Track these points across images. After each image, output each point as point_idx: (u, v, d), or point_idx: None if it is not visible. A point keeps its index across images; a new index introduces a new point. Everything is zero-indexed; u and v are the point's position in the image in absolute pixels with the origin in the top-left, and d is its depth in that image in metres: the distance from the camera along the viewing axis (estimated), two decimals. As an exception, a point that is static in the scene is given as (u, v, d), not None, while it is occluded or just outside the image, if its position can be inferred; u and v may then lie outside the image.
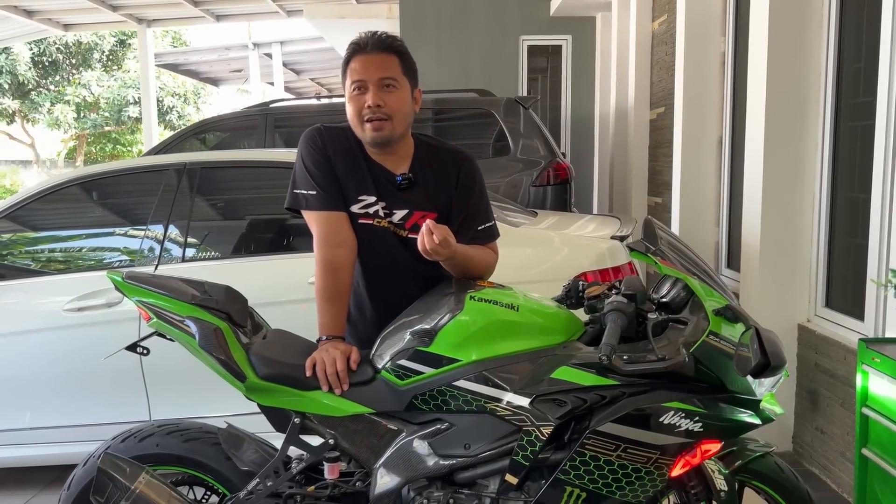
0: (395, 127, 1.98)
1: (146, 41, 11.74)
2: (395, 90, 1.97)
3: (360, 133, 2.00)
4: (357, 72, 1.96)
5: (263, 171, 3.46)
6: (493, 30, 8.28)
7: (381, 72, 1.95)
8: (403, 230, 2.05)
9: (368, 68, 1.95)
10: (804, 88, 3.44)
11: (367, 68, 1.95)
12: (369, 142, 2.00)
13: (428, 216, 2.01)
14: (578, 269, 2.99)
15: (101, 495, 1.84)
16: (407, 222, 2.04)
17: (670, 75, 5.50)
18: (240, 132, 5.96)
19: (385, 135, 1.97)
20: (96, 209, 3.56)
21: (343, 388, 1.86)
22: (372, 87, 1.94)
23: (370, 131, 1.96)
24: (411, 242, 1.99)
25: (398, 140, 2.02)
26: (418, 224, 2.00)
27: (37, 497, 3.30)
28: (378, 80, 1.94)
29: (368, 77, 1.94)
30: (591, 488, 1.74)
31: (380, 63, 1.95)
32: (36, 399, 3.16)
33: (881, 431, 2.20)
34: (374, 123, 1.96)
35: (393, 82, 1.96)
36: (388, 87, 1.96)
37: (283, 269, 3.17)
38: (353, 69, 1.97)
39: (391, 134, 1.98)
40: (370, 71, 1.94)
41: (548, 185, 5.34)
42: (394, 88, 1.96)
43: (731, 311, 1.79)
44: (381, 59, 1.96)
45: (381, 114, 1.95)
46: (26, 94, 19.39)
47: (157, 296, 1.94)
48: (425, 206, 2.05)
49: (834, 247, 3.40)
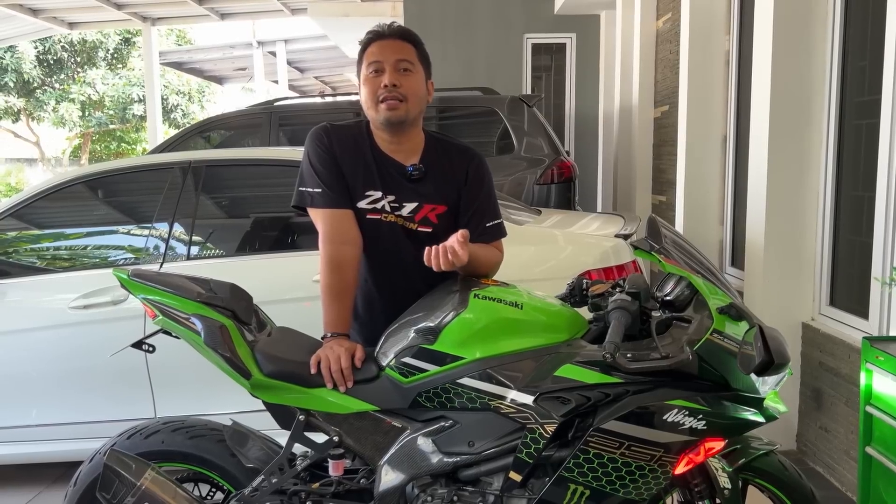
0: (410, 109, 2.00)
1: (151, 39, 11.77)
2: (411, 73, 1.99)
3: (373, 114, 2.01)
4: (374, 54, 1.99)
5: (268, 170, 3.47)
6: (497, 28, 8.27)
7: (398, 54, 1.98)
8: (413, 223, 2.05)
9: (385, 51, 1.98)
10: (809, 86, 3.44)
11: (384, 51, 1.98)
12: (382, 122, 2.00)
13: (438, 209, 2.02)
14: (582, 268, 2.99)
15: (107, 491, 1.85)
16: (416, 215, 2.05)
17: (675, 73, 5.49)
18: (244, 130, 5.96)
19: (400, 114, 1.98)
20: (102, 207, 3.57)
21: (347, 385, 1.87)
22: (389, 69, 1.97)
23: (385, 110, 1.97)
24: (421, 236, 2.01)
25: (411, 124, 2.03)
26: (428, 217, 2.02)
27: (42, 494, 3.32)
28: (395, 61, 1.98)
29: (385, 59, 1.97)
30: (594, 486, 1.74)
31: (397, 47, 1.99)
32: (41, 396, 3.18)
33: (885, 429, 2.20)
34: (389, 103, 1.97)
35: (409, 66, 1.99)
36: (404, 71, 1.98)
37: (288, 267, 3.18)
38: (371, 52, 2.00)
39: (406, 115, 1.99)
40: (387, 53, 1.98)
41: (552, 184, 5.33)
42: (410, 72, 1.99)
43: (735, 310, 1.79)
44: (398, 45, 2.00)
45: (396, 94, 1.97)
46: (31, 92, 19.43)
47: (163, 293, 1.95)
48: (435, 200, 2.05)
49: (838, 245, 3.40)
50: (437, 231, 2.04)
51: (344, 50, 13.39)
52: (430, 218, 2.04)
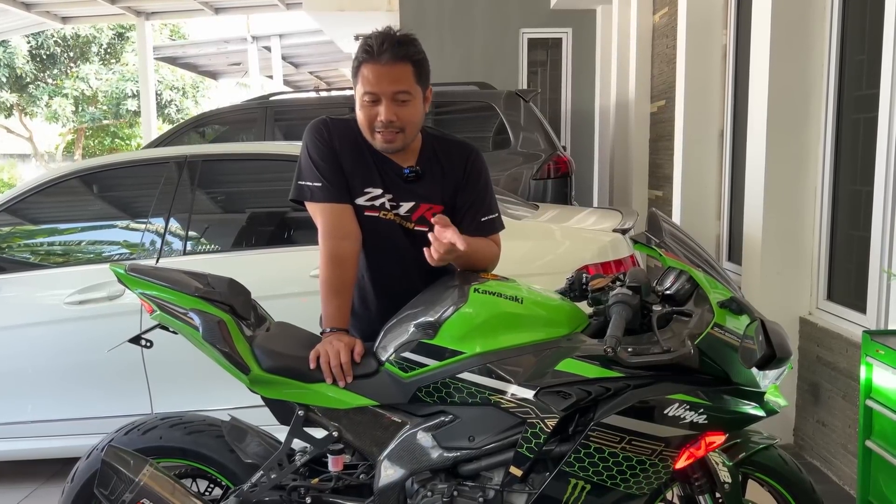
0: (407, 137, 1.98)
1: (145, 34, 11.72)
2: (407, 104, 1.94)
3: (369, 139, 1.99)
4: (370, 83, 1.90)
5: (264, 164, 3.46)
6: (493, 23, 8.25)
7: (394, 85, 1.90)
8: (410, 222, 2.05)
9: (382, 81, 1.89)
10: (807, 81, 3.43)
11: (380, 81, 1.89)
12: (379, 150, 2.00)
13: (434, 209, 2.02)
14: (580, 262, 2.99)
15: (105, 487, 1.84)
16: (413, 214, 2.04)
17: (671, 68, 5.48)
18: (239, 125, 5.94)
19: (396, 146, 1.98)
20: (97, 202, 3.54)
21: (347, 380, 1.86)
22: (385, 102, 1.91)
23: (381, 142, 1.97)
24: (417, 235, 2.00)
25: (409, 145, 2.03)
26: (425, 217, 2.01)
27: (39, 490, 3.30)
28: (392, 94, 1.91)
29: (382, 91, 1.90)
30: (595, 480, 1.74)
31: (394, 76, 1.90)
32: (38, 392, 3.16)
33: (885, 423, 2.20)
34: (385, 135, 1.95)
35: (406, 96, 1.93)
36: (402, 102, 1.93)
37: (285, 263, 3.16)
38: (366, 79, 1.91)
39: (402, 144, 1.99)
40: (384, 84, 1.89)
41: (548, 179, 5.32)
42: (407, 102, 1.93)
43: (736, 303, 1.78)
44: (395, 72, 1.90)
45: (393, 128, 1.94)
46: (24, 87, 19.31)
47: (161, 288, 1.94)
48: (432, 199, 2.05)
49: (836, 239, 3.40)
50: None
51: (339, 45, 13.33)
52: (427, 217, 2.01)
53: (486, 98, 5.58)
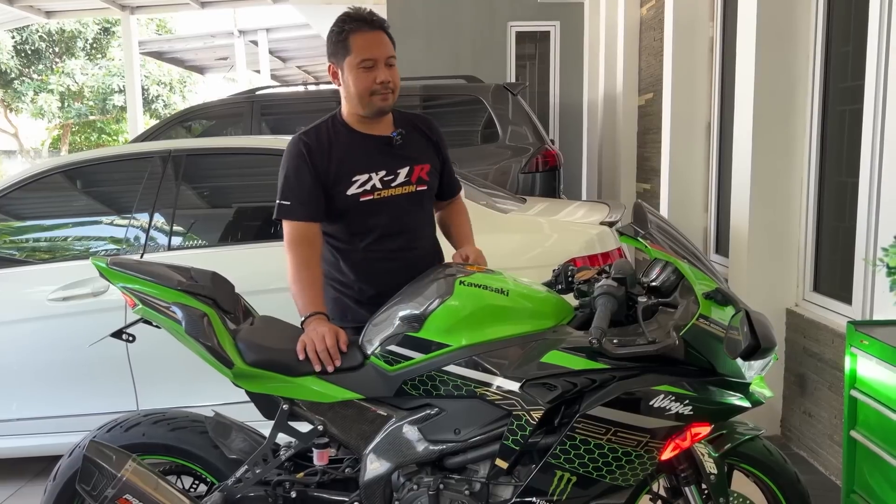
0: (395, 97, 2.17)
1: (130, 29, 11.60)
2: (394, 67, 2.14)
3: (362, 105, 2.12)
4: (368, 49, 2.08)
5: (249, 159, 3.43)
6: (480, 15, 8.22)
7: (387, 50, 2.11)
8: (411, 185, 2.18)
9: (377, 47, 2.09)
10: (793, 73, 3.44)
11: (377, 46, 2.09)
12: (375, 112, 2.14)
13: (425, 167, 2.22)
14: (568, 255, 2.98)
15: (87, 483, 1.82)
16: (412, 177, 2.19)
17: (659, 61, 5.48)
18: (226, 120, 5.90)
19: (390, 104, 2.16)
20: (81, 197, 3.51)
21: (335, 363, 1.85)
22: (381, 65, 2.09)
23: (379, 102, 2.11)
24: (422, 196, 2.20)
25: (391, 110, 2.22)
26: (421, 176, 2.20)
27: (23, 488, 3.27)
28: (385, 58, 2.10)
29: (378, 55, 2.09)
30: (581, 472, 1.74)
31: (384, 42, 2.12)
32: (22, 389, 3.13)
33: (869, 413, 2.21)
34: (382, 95, 2.11)
35: (394, 60, 2.14)
36: (391, 66, 2.12)
37: (270, 257, 3.13)
38: (362, 46, 2.08)
39: (392, 104, 2.18)
40: (379, 49, 2.09)
41: (536, 172, 5.32)
42: (393, 66, 2.14)
43: (721, 294, 1.78)
44: (384, 38, 2.12)
45: (388, 89, 2.12)
46: (9, 83, 19.14)
47: (143, 282, 1.92)
48: (421, 160, 2.23)
49: (822, 231, 3.41)
50: (431, 186, 2.24)
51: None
52: (423, 176, 2.21)
53: (473, 91, 5.56)
